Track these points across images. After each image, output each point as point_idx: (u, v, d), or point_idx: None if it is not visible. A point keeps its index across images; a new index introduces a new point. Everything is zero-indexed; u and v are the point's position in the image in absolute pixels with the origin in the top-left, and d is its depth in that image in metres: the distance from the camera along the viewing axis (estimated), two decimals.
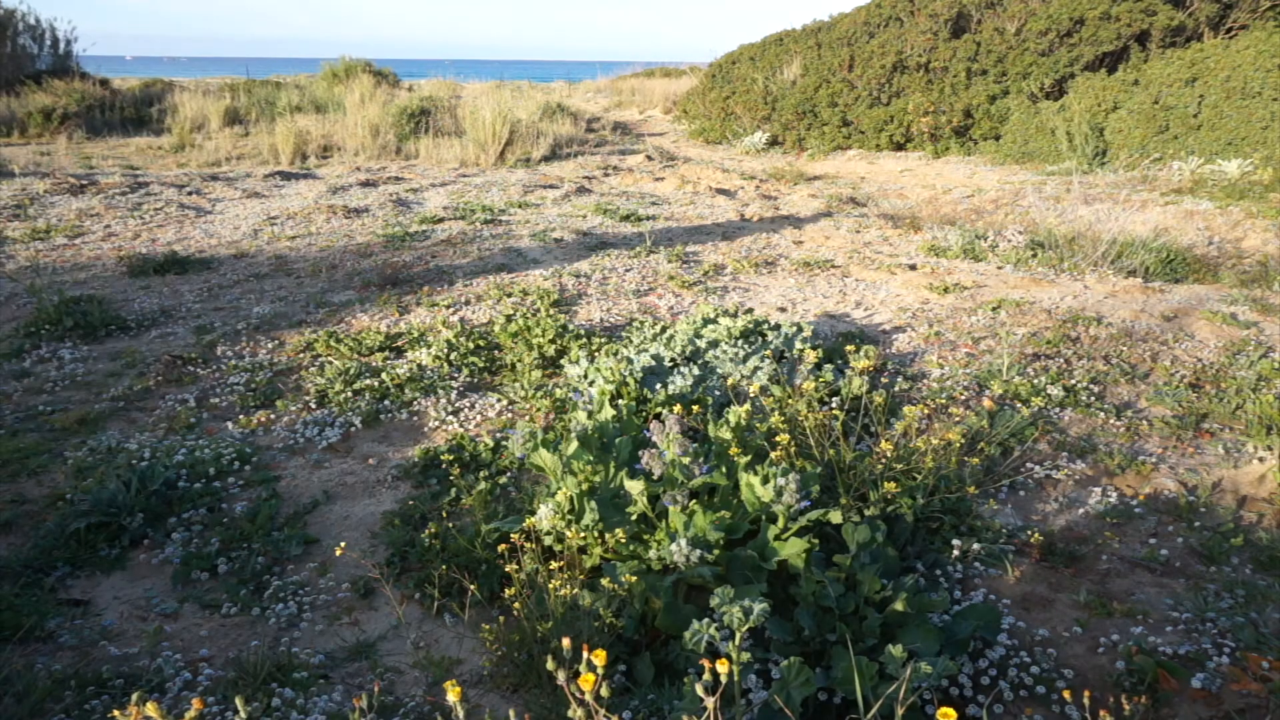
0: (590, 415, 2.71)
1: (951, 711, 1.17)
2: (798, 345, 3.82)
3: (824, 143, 11.99)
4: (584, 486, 2.34)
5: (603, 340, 4.09)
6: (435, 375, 3.82)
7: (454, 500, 2.81)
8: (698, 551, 2.04)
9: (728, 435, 2.53)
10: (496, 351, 4.05)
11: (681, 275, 5.43)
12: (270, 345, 4.22)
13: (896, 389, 3.62)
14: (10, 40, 14.21)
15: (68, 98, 13.00)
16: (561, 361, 3.87)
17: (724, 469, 2.38)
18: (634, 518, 2.26)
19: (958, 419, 3.24)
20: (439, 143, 11.15)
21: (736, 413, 2.56)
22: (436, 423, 3.41)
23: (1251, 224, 6.47)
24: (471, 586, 2.28)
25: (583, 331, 4.18)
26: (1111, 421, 3.32)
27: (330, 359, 3.98)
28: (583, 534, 2.20)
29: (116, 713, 1.22)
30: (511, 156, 10.83)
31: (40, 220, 6.88)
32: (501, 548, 2.25)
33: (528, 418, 3.45)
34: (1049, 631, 2.18)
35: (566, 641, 1.41)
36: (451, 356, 3.94)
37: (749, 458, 2.37)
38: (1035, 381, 3.62)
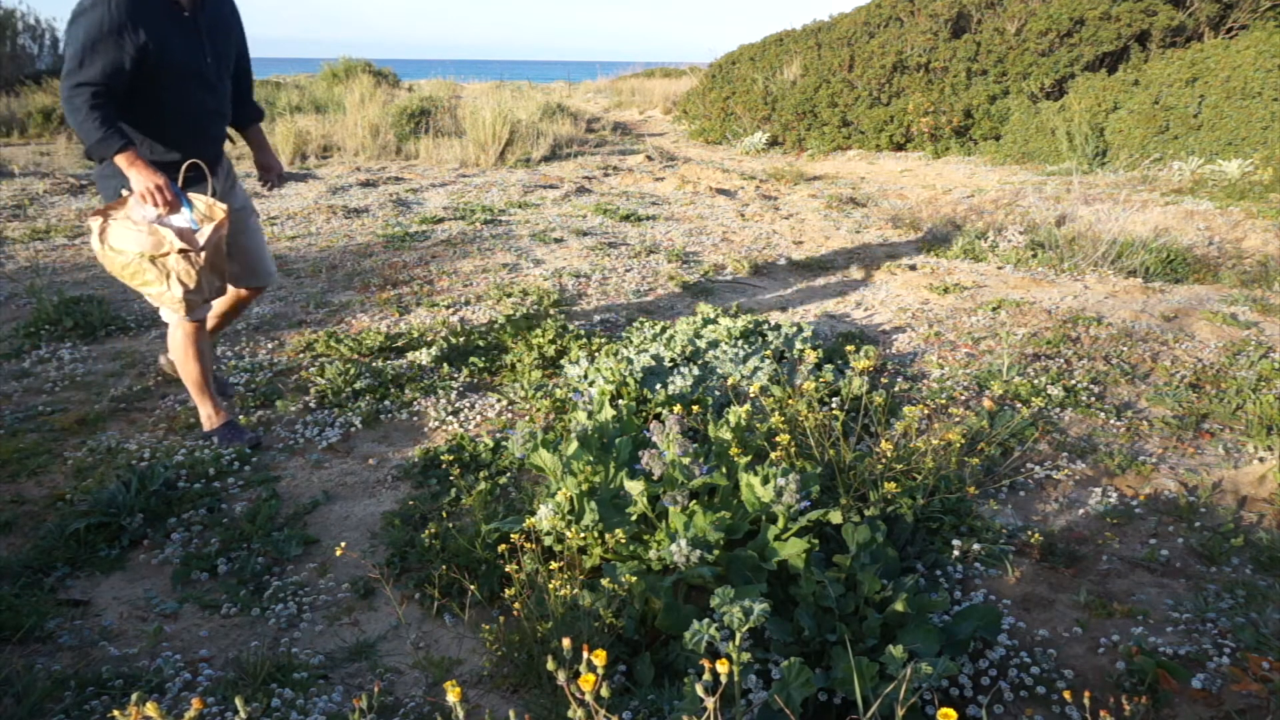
0: (590, 415, 2.70)
1: (952, 712, 1.16)
2: (798, 345, 3.82)
3: (824, 143, 11.99)
4: (584, 487, 2.34)
5: (603, 340, 4.09)
6: (435, 375, 3.82)
7: (454, 500, 2.81)
8: (698, 552, 2.04)
9: (728, 435, 2.52)
10: (496, 351, 4.05)
11: (681, 275, 5.43)
12: (270, 345, 4.22)
13: (896, 389, 3.62)
14: (10, 40, 14.20)
15: None
16: (561, 361, 3.86)
17: (724, 469, 2.38)
18: (634, 518, 2.26)
19: (958, 419, 3.24)
20: (439, 143, 11.15)
21: (736, 413, 2.55)
22: (436, 423, 3.41)
23: (1252, 224, 6.47)
24: (471, 587, 2.28)
25: (583, 331, 4.18)
26: (1112, 422, 3.32)
27: (330, 359, 3.98)
28: (583, 534, 2.20)
29: (116, 713, 1.21)
30: (511, 157, 10.83)
31: (40, 220, 6.87)
32: (501, 548, 2.25)
33: (528, 418, 3.45)
34: (1049, 632, 2.18)
35: (566, 642, 1.40)
36: (451, 356, 3.93)
37: (749, 458, 2.37)
38: (1035, 382, 3.62)
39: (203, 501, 2.79)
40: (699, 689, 1.27)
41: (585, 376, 3.55)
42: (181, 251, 2.74)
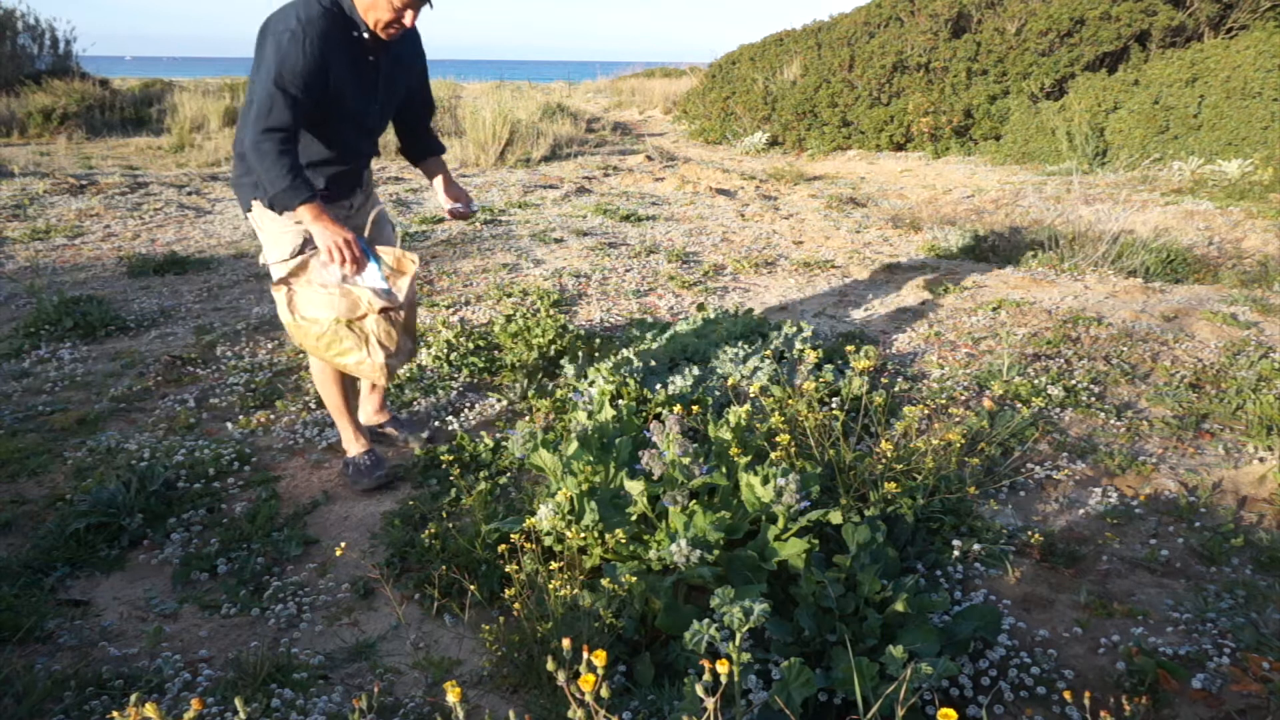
0: (590, 415, 2.70)
1: (952, 712, 1.16)
2: (798, 345, 3.82)
3: (824, 143, 11.99)
4: (584, 487, 2.34)
5: (602, 340, 4.09)
6: (435, 375, 3.82)
7: (454, 500, 2.81)
8: (698, 552, 2.04)
9: (728, 435, 2.52)
10: (496, 351, 4.05)
11: (681, 275, 5.43)
12: (270, 345, 4.22)
13: (896, 389, 3.62)
14: (10, 40, 14.20)
15: (68, 98, 12.99)
16: (561, 362, 3.86)
17: (724, 469, 2.38)
18: (634, 518, 2.26)
19: (958, 419, 3.24)
20: None
21: (736, 413, 2.55)
22: (436, 423, 3.40)
23: (1252, 224, 6.47)
24: (471, 587, 2.28)
25: (583, 332, 4.17)
26: (1112, 422, 3.32)
27: None
28: (583, 534, 2.20)
29: (116, 713, 1.21)
30: (511, 157, 10.83)
31: (40, 220, 6.88)
32: (501, 548, 2.25)
33: (528, 418, 3.45)
34: (1049, 632, 2.18)
35: (566, 642, 1.40)
36: (451, 356, 3.93)
37: (749, 458, 2.37)
38: (1035, 382, 3.61)
39: (203, 501, 2.79)
40: (699, 689, 1.27)
41: (585, 376, 3.54)
42: (382, 311, 2.47)
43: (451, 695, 1.21)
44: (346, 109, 2.53)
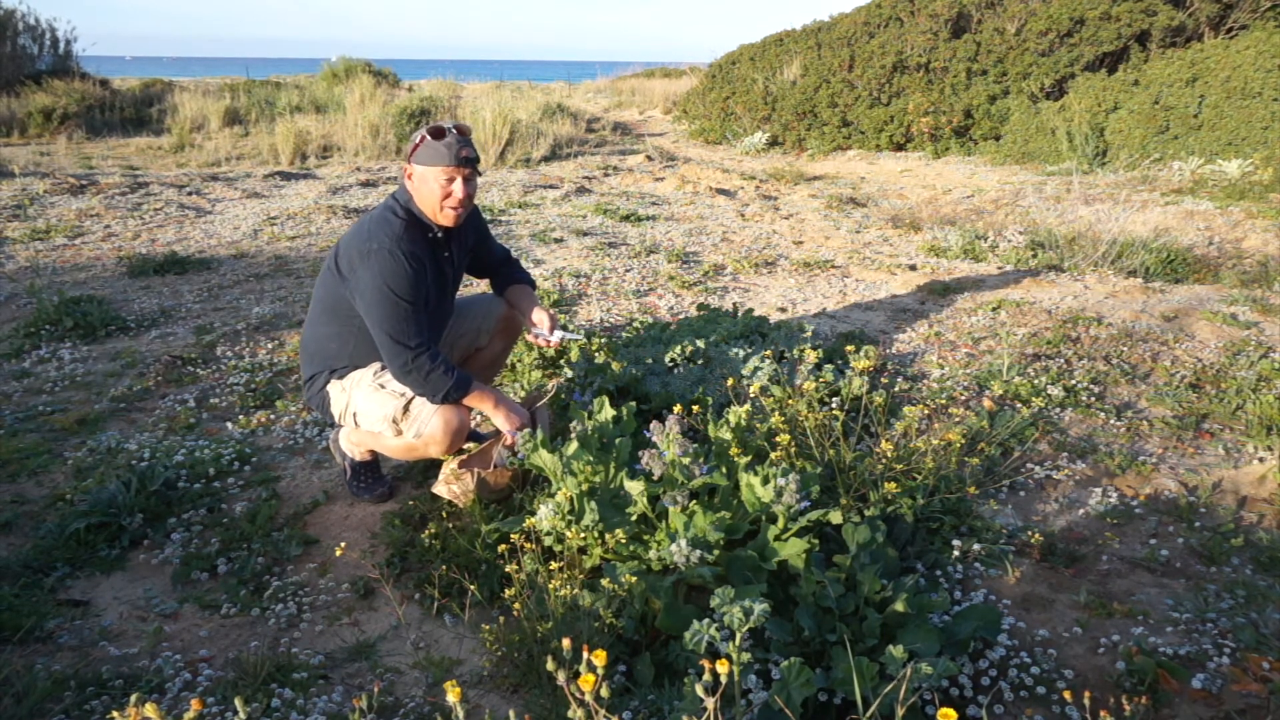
0: (590, 415, 2.70)
1: (952, 712, 1.16)
2: (798, 345, 3.81)
3: (824, 143, 11.99)
4: (584, 487, 2.34)
5: (602, 340, 4.09)
6: None
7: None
8: (698, 552, 2.04)
9: (728, 435, 2.52)
10: None
11: (681, 275, 5.43)
12: (270, 345, 4.22)
13: (896, 389, 3.62)
14: (10, 40, 14.21)
15: (68, 98, 13.00)
16: (561, 362, 3.86)
17: (724, 469, 2.38)
18: (634, 518, 2.26)
19: (958, 419, 3.24)
20: None
21: (736, 413, 2.55)
22: None
23: (1252, 224, 6.47)
24: (471, 587, 2.28)
25: (583, 331, 4.17)
26: (1112, 422, 3.32)
27: None
28: (583, 534, 2.20)
29: (116, 713, 1.21)
30: (511, 157, 10.83)
31: (40, 220, 6.88)
32: (501, 548, 2.25)
33: None
34: (1049, 632, 2.18)
35: (566, 642, 1.40)
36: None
37: (749, 458, 2.37)
38: (1035, 382, 3.61)
39: (203, 501, 2.79)
40: (699, 689, 1.27)
41: (585, 376, 3.54)
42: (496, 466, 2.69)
43: (451, 695, 1.21)
44: (431, 304, 2.62)
